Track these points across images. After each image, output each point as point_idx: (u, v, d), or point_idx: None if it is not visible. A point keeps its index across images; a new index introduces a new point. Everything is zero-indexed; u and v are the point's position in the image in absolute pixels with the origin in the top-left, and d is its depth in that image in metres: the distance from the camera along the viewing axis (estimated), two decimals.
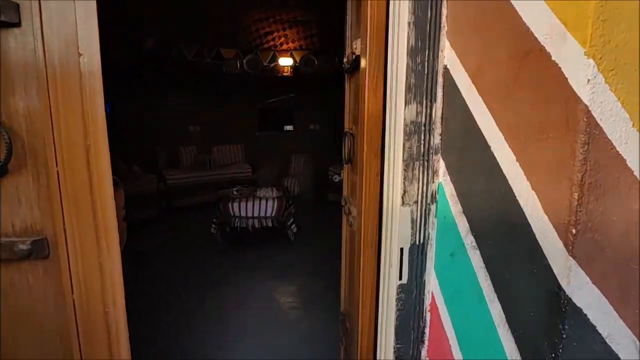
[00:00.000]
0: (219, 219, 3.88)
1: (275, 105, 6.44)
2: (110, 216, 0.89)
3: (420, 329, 0.70)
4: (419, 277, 0.68)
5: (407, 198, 0.67)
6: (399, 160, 0.67)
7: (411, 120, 0.65)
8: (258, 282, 3.12)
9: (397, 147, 0.68)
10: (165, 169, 5.25)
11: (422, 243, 0.67)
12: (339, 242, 1.72)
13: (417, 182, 0.66)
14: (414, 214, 0.67)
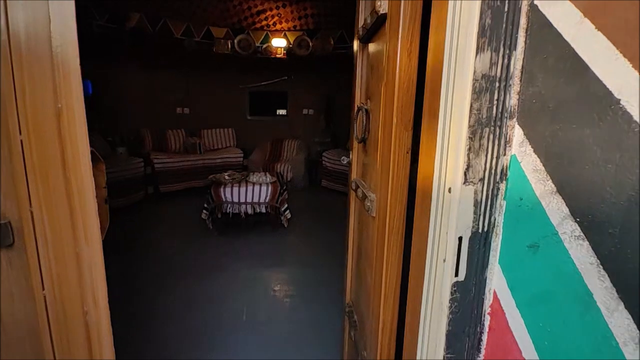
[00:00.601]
0: (210, 205, 3.70)
1: (267, 88, 6.19)
2: (88, 196, 0.72)
3: (477, 336, 0.57)
4: (479, 273, 0.54)
5: (471, 174, 0.52)
6: (462, 127, 0.52)
7: (483, 74, 0.50)
8: (251, 269, 2.98)
9: (458, 111, 0.53)
10: (152, 153, 5.00)
11: (487, 231, 0.53)
12: (336, 228, 1.59)
13: (485, 154, 0.52)
14: (478, 195, 0.53)
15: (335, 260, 3.13)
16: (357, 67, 1.39)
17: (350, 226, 1.54)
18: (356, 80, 1.40)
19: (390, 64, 0.87)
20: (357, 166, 1.41)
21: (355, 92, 1.43)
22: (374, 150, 1.13)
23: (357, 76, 1.40)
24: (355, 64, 1.42)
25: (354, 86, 1.46)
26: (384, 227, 0.92)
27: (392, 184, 0.86)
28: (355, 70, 1.41)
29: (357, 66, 1.39)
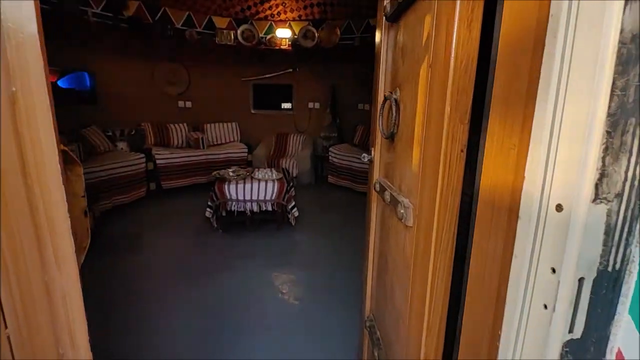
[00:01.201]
0: (214, 203, 3.54)
1: (272, 81, 6.00)
2: (59, 210, 0.56)
3: None
4: (602, 328, 0.37)
5: (605, 188, 0.35)
6: (593, 117, 0.35)
7: (634, 34, 0.32)
8: (257, 270, 2.83)
9: (581, 92, 0.35)
10: (154, 148, 4.84)
11: (619, 269, 0.36)
12: (345, 226, 1.42)
13: (627, 157, 0.34)
14: (612, 217, 0.36)
15: (345, 260, 2.97)
16: (382, 52, 1.21)
17: (371, 231, 1.38)
18: (380, 67, 1.22)
19: (440, 40, 0.69)
20: (381, 165, 1.24)
21: (378, 81, 1.25)
22: (406, 147, 0.96)
23: (381, 62, 1.22)
24: (379, 48, 1.24)
25: (376, 75, 1.28)
26: (426, 241, 0.75)
27: (441, 189, 0.69)
28: (379, 56, 1.23)
29: (382, 50, 1.21)
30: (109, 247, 3.16)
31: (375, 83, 1.31)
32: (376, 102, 1.29)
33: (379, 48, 1.26)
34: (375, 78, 1.30)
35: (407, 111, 0.96)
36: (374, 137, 1.32)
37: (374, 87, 1.33)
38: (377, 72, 1.29)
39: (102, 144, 4.53)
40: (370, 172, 1.36)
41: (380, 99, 1.25)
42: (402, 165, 0.99)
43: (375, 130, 1.29)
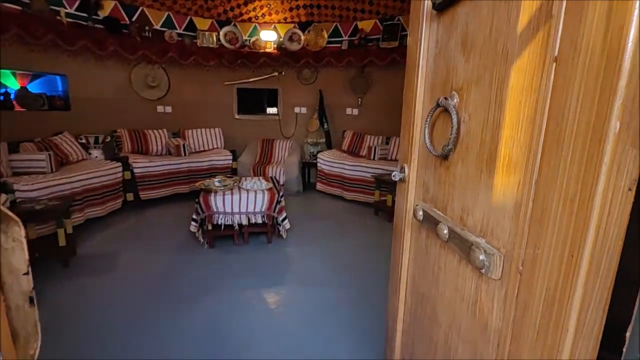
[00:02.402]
0: (199, 216, 3.21)
1: (257, 85, 5.70)
2: None
3: None
4: None
5: None
6: None
7: None
8: (249, 291, 2.53)
9: None
10: (131, 155, 4.43)
11: None
12: (339, 237, 1.19)
13: None
14: None
15: (345, 276, 2.72)
16: (420, 49, 0.98)
17: (402, 265, 1.14)
18: (419, 67, 0.99)
19: (588, 23, 0.46)
20: (422, 187, 1.00)
21: (414, 84, 1.01)
22: (477, 170, 0.72)
23: (419, 61, 0.99)
24: (415, 45, 1.00)
25: (410, 77, 1.04)
26: (546, 314, 0.52)
27: (593, 243, 0.45)
28: (415, 54, 1.00)
29: (420, 47, 0.98)
30: (81, 268, 2.77)
31: (407, 87, 1.07)
32: (409, 111, 1.05)
33: (414, 45, 1.02)
34: (408, 81, 1.07)
35: (475, 122, 0.73)
36: (405, 151, 1.08)
37: (406, 92, 1.09)
38: (410, 73, 1.05)
39: (74, 153, 4.09)
40: (401, 194, 1.12)
41: (414, 105, 1.02)
42: (469, 194, 0.75)
43: (409, 143, 1.05)
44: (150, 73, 5.03)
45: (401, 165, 1.11)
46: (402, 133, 1.11)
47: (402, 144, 1.12)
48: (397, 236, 1.17)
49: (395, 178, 1.09)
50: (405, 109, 1.10)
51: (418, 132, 1.02)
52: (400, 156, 1.13)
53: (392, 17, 5.10)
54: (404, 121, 1.10)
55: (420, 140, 1.01)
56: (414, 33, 1.03)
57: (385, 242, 3.55)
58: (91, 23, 4.26)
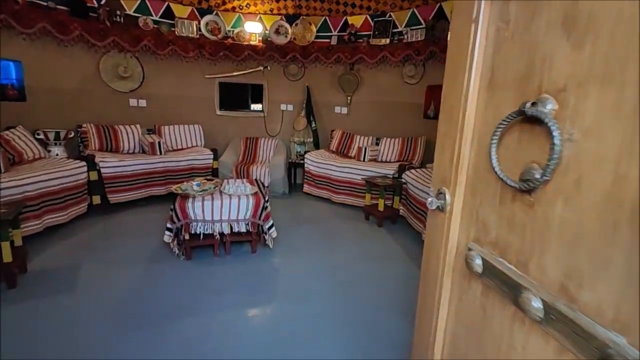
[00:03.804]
0: (174, 224, 2.85)
1: (240, 80, 5.32)
2: None
3: None
4: None
5: None
6: None
7: None
8: (231, 310, 2.22)
9: None
10: (98, 153, 3.98)
11: None
12: (330, 246, 0.92)
13: None
14: None
15: (334, 290, 2.45)
16: (477, 33, 0.71)
17: (438, 316, 0.87)
18: (472, 58, 0.72)
19: None
20: (475, 223, 0.73)
21: (463, 82, 0.74)
22: (605, 220, 0.46)
23: (473, 50, 0.72)
24: (472, 28, 0.73)
25: (462, 72, 0.77)
26: None
27: None
28: (472, 39, 0.72)
29: (477, 30, 0.71)
30: (32, 288, 2.37)
31: (450, 86, 0.80)
32: (453, 117, 0.78)
33: (463, 27, 0.75)
34: (451, 78, 0.79)
35: (599, 144, 0.46)
36: (445, 170, 0.81)
37: (447, 92, 0.82)
38: (455, 68, 0.78)
39: (30, 150, 3.61)
40: (437, 227, 0.85)
41: (461, 111, 0.75)
42: (584, 254, 0.48)
43: (453, 161, 0.78)
44: (121, 62, 4.56)
45: (438, 189, 0.84)
46: (441, 146, 0.84)
47: (439, 161, 0.85)
48: (429, 281, 0.90)
49: (430, 206, 0.82)
50: (444, 113, 0.83)
51: (467, 147, 0.75)
52: (437, 177, 0.86)
53: (383, 13, 4.85)
54: (443, 130, 0.83)
55: (471, 159, 0.74)
56: (463, 11, 0.75)
57: (378, 251, 3.32)
58: (52, 3, 3.77)
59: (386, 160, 4.68)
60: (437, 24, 4.25)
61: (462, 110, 0.75)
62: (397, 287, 2.58)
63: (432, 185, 0.87)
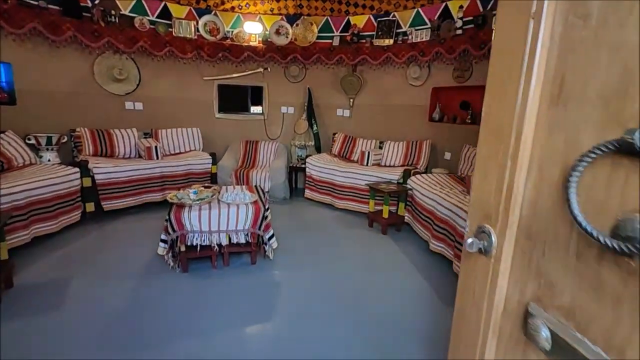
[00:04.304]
0: (169, 236, 2.69)
1: (240, 82, 5.15)
2: None
3: None
4: None
5: None
6: None
7: None
8: (229, 330, 2.06)
9: None
10: (92, 159, 3.82)
11: None
12: (335, 256, 0.74)
13: None
14: None
15: (340, 308, 2.28)
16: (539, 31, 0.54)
17: None
18: (532, 67, 0.55)
19: None
20: (534, 277, 0.56)
21: (516, 95, 0.58)
22: None
23: (532, 56, 0.55)
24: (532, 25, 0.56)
25: (515, 83, 0.60)
26: None
27: None
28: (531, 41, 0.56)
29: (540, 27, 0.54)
30: (18, 306, 2.20)
31: (496, 99, 0.63)
32: (500, 138, 0.62)
33: (512, 32, 0.58)
34: (498, 89, 0.63)
35: None
36: (489, 204, 0.65)
37: (490, 107, 0.65)
38: (503, 77, 0.61)
39: (20, 156, 3.45)
40: (477, 273, 0.68)
41: (513, 130, 0.58)
42: None
43: (502, 194, 0.61)
44: (117, 64, 4.39)
45: (479, 226, 0.67)
46: (482, 172, 0.68)
47: (480, 191, 0.68)
48: (465, 339, 0.73)
49: (470, 248, 0.66)
50: (487, 131, 0.66)
51: (522, 177, 0.58)
52: (476, 210, 0.69)
53: (387, 13, 4.68)
54: (485, 152, 0.66)
55: (527, 194, 0.58)
56: (517, 4, 0.58)
57: (383, 261, 3.15)
58: (43, 3, 3.60)
59: (390, 165, 4.51)
60: (442, 24, 4.09)
61: (516, 131, 0.58)
62: (406, 303, 2.41)
63: (469, 220, 0.71)
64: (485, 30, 3.60)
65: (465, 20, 3.88)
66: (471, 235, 0.68)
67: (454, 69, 4.09)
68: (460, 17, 3.89)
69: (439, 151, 4.43)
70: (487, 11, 3.66)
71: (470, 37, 3.72)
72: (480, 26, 3.68)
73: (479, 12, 3.76)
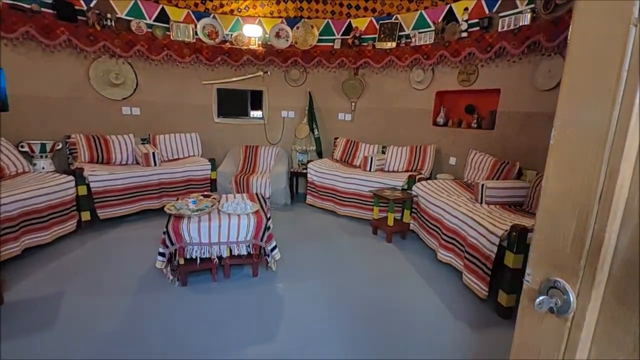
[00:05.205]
0: (168, 249, 2.54)
1: (239, 86, 5.01)
2: None
3: None
4: None
5: None
6: None
7: None
8: (230, 352, 1.92)
9: None
10: (87, 166, 3.67)
11: None
12: (341, 266, 0.60)
13: None
14: None
15: (347, 325, 2.14)
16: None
17: None
18: (637, 89, 0.42)
19: None
20: None
21: (610, 127, 0.45)
22: None
23: (638, 79, 0.42)
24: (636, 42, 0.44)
25: (610, 108, 0.47)
26: None
27: None
28: (636, 59, 0.43)
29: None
30: (8, 325, 2.05)
31: (571, 126, 0.50)
32: (571, 174, 0.49)
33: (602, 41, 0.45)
34: (571, 115, 0.50)
35: None
36: (566, 253, 0.52)
37: (560, 133, 0.52)
38: (581, 99, 0.48)
39: (12, 164, 3.29)
40: (554, 340, 0.55)
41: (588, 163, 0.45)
42: None
43: (583, 242, 0.48)
44: (113, 69, 4.24)
45: (548, 279, 0.54)
46: (552, 211, 0.54)
47: (549, 234, 0.55)
48: None
49: (539, 308, 0.52)
50: (559, 162, 0.53)
51: (614, 226, 0.45)
52: (542, 257, 0.56)
53: (389, 16, 4.56)
54: (558, 188, 0.53)
55: (621, 247, 0.45)
56: (610, 9, 0.45)
57: (389, 272, 2.99)
58: (36, 6, 3.45)
59: (394, 170, 4.38)
60: (447, 26, 3.96)
61: (609, 165, 0.45)
62: (416, 318, 2.27)
63: (532, 266, 0.57)
64: (492, 33, 3.47)
65: (470, 22, 3.75)
66: (537, 286, 0.55)
67: (459, 72, 3.96)
68: (465, 19, 3.77)
69: (443, 156, 4.30)
70: (494, 13, 3.54)
71: (476, 40, 3.59)
72: (486, 28, 3.55)
73: (484, 14, 3.64)
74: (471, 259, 2.52)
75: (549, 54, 3.04)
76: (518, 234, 2.12)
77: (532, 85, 3.23)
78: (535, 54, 3.18)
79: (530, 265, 0.58)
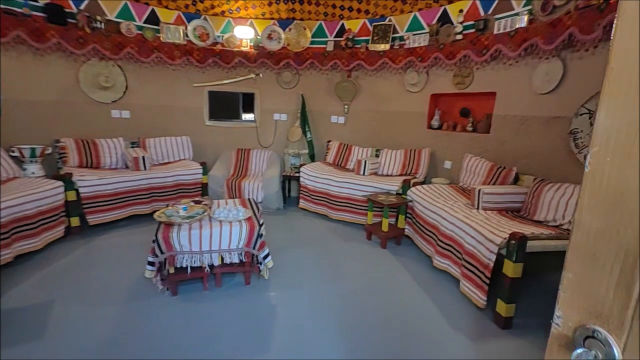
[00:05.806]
0: (157, 258, 2.43)
1: (231, 88, 4.89)
2: None
3: None
4: None
5: None
6: None
7: None
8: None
9: None
10: (76, 170, 3.53)
11: None
12: (335, 272, 0.51)
13: None
14: None
15: (343, 336, 2.05)
16: None
17: None
18: None
19: None
20: None
21: None
22: None
23: None
24: None
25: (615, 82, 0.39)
26: None
27: None
28: None
29: None
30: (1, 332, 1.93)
31: (610, 147, 0.42)
32: (614, 208, 0.40)
33: None
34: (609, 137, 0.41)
35: None
36: (601, 299, 0.43)
37: (597, 156, 0.44)
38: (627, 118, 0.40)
39: (4, 169, 3.15)
40: None
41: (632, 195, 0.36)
42: None
43: (627, 286, 0.40)
44: (102, 71, 4.10)
45: (585, 327, 0.45)
46: (591, 251, 0.45)
47: (586, 277, 0.46)
48: None
49: (579, 357, 0.43)
50: (594, 193, 0.44)
51: None
52: (576, 301, 0.47)
53: (382, 17, 4.49)
54: (592, 224, 0.44)
55: None
56: None
57: (385, 279, 2.88)
58: (27, 10, 3.31)
59: (388, 174, 4.31)
60: (441, 28, 3.90)
61: None
62: (412, 328, 2.19)
63: (563, 309, 0.49)
64: (488, 35, 3.41)
65: (465, 24, 3.69)
66: (570, 333, 0.46)
67: (454, 75, 3.90)
68: (460, 21, 3.71)
69: (438, 160, 4.23)
70: (489, 15, 3.48)
71: (472, 42, 3.53)
72: (481, 30, 3.49)
73: (480, 16, 3.58)
74: (469, 267, 2.45)
75: (547, 57, 2.98)
76: (517, 243, 2.05)
77: (528, 88, 3.17)
78: (533, 56, 3.11)
79: (560, 306, 0.50)
